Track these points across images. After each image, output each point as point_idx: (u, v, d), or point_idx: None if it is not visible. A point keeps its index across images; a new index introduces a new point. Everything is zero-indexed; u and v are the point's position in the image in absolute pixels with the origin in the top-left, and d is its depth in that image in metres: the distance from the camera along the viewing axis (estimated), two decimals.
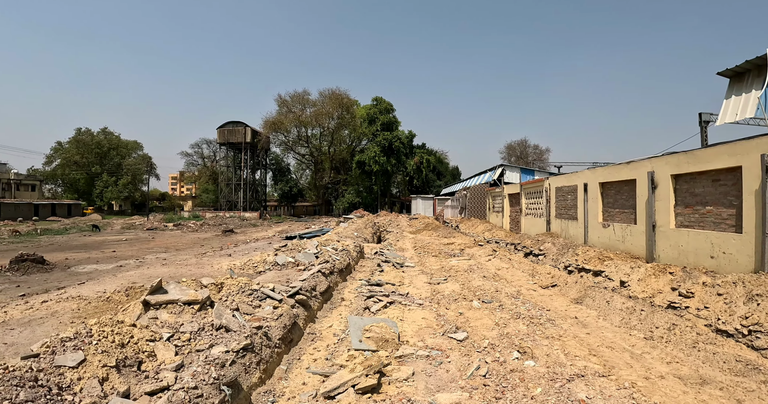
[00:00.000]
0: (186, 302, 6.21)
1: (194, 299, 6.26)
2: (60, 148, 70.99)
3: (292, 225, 39.90)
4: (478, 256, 15.40)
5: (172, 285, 6.59)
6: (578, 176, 18.36)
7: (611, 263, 11.99)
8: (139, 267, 15.71)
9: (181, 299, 6.22)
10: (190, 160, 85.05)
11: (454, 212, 40.94)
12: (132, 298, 7.93)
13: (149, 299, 6.11)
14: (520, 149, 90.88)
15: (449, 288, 9.95)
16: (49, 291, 11.08)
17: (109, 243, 25.51)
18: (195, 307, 6.20)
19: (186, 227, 39.13)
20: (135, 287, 8.69)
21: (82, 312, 7.37)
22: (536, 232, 22.36)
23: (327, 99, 64.06)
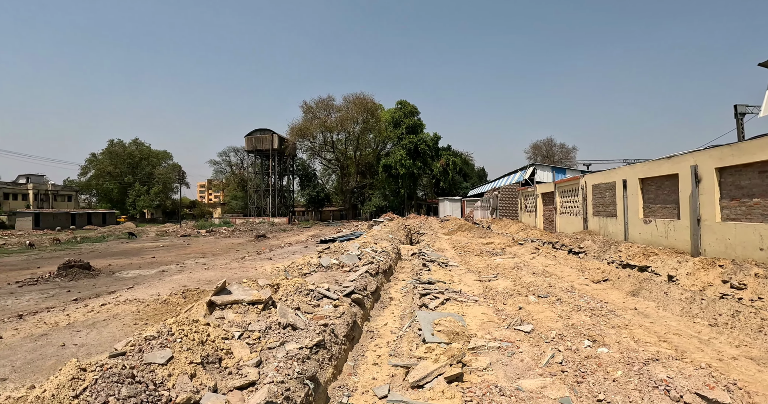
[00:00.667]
0: (250, 302, 6.24)
1: (258, 299, 6.28)
2: (94, 159, 73.12)
3: (323, 229, 40.08)
4: (521, 254, 15.15)
5: (235, 286, 6.61)
6: (616, 173, 18.10)
7: (656, 258, 11.85)
8: (181, 272, 15.92)
9: (246, 299, 6.25)
10: (218, 168, 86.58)
11: (483, 213, 40.51)
12: (189, 300, 7.98)
13: (215, 300, 6.13)
14: (546, 149, 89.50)
15: (501, 285, 9.85)
16: (100, 295, 11.27)
17: (148, 250, 25.99)
18: (259, 307, 6.22)
19: (218, 233, 39.65)
20: (190, 289, 8.75)
21: (142, 314, 7.44)
22: (572, 230, 22.10)
23: (351, 104, 64.32)
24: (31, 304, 10.97)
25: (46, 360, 5.26)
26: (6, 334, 6.39)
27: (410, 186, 67.94)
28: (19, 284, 13.90)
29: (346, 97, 65.26)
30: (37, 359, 5.30)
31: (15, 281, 14.47)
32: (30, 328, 6.70)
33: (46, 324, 6.93)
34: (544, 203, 28.34)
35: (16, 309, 10.41)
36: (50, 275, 15.20)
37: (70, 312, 7.66)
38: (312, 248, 20.63)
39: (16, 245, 30.59)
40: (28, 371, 4.94)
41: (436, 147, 68.67)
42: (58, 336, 6.23)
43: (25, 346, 5.82)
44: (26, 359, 5.32)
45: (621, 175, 17.57)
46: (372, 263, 12.53)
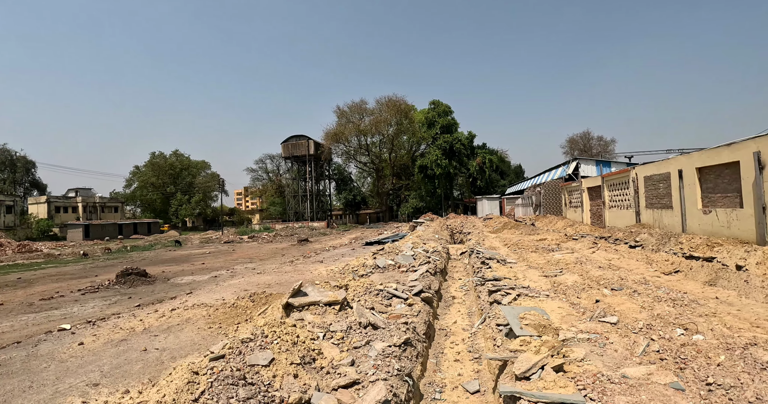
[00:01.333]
0: (327, 303, 6.19)
1: (334, 300, 6.20)
2: (138, 171, 75.87)
3: (363, 232, 40.06)
4: (579, 249, 14.66)
5: (310, 288, 6.54)
6: (671, 163, 17.48)
7: (721, 249, 11.43)
8: (234, 277, 16.05)
9: (322, 300, 6.19)
10: (256, 175, 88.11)
11: (525, 211, 39.63)
12: (258, 304, 7.92)
13: (292, 302, 6.07)
14: (584, 142, 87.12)
15: (569, 279, 9.50)
16: (162, 301, 11.41)
17: (195, 256, 26.48)
18: (336, 307, 6.15)
19: (260, 238, 40.17)
20: (257, 293, 8.72)
21: (213, 318, 7.40)
22: (624, 224, 21.39)
23: (384, 106, 64.24)
24: (96, 311, 11.21)
25: (132, 365, 5.23)
26: (86, 340, 6.44)
27: (446, 186, 67.26)
28: (81, 292, 14.30)
29: (379, 99, 65.42)
30: (124, 364, 5.28)
31: (77, 289, 14.89)
32: (108, 334, 6.75)
33: (123, 329, 6.97)
34: (591, 197, 27.48)
35: (83, 315, 10.63)
36: (109, 282, 15.58)
37: (143, 318, 7.70)
38: (359, 251, 20.54)
39: (71, 255, 31.77)
40: (118, 376, 4.90)
41: (472, 146, 67.76)
42: (137, 341, 6.23)
43: (107, 351, 5.83)
44: (112, 364, 5.30)
45: (676, 165, 16.89)
46: (429, 262, 12.38)
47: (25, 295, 14.51)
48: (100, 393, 4.40)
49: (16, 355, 5.96)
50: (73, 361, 5.49)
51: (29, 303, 12.82)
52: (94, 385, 4.62)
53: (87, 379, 4.83)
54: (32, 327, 9.49)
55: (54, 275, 19.72)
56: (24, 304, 12.79)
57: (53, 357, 5.74)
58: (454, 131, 65.21)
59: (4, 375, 5.13)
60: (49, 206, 61.15)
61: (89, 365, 5.30)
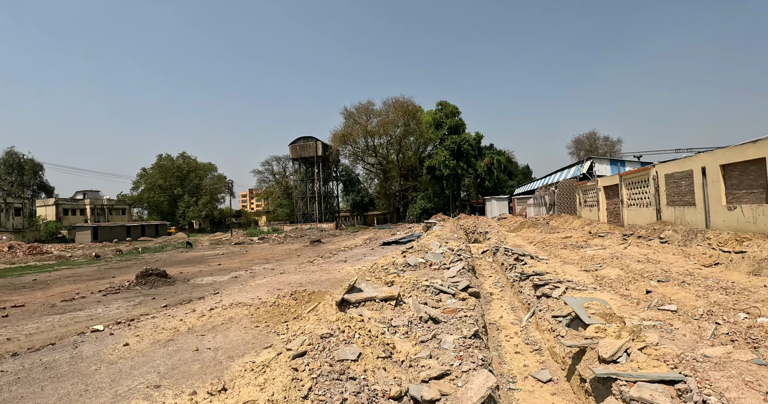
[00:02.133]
0: (383, 298, 6.06)
1: (390, 296, 6.03)
2: (145, 173, 75.77)
3: (376, 233, 39.75)
4: (609, 246, 14.51)
5: (363, 284, 6.44)
6: (693, 161, 17.56)
7: (751, 243, 11.73)
8: (255, 277, 15.80)
9: (378, 296, 6.08)
10: (262, 177, 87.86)
11: (537, 210, 39.26)
12: (301, 302, 7.67)
13: (348, 298, 5.88)
14: (590, 142, 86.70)
15: (612, 273, 9.51)
16: (191, 301, 11.16)
17: (210, 258, 26.25)
18: (392, 303, 6.05)
19: (271, 240, 39.95)
20: (298, 291, 8.42)
21: (257, 317, 7.13)
22: (643, 222, 21.42)
23: (391, 108, 63.99)
24: (122, 311, 10.96)
25: (189, 365, 4.95)
26: (130, 341, 6.17)
27: (454, 187, 66.97)
28: (102, 293, 14.06)
29: (386, 101, 65.16)
30: (180, 364, 5.00)
31: (98, 291, 14.66)
32: (151, 334, 6.48)
33: (165, 329, 6.70)
34: (607, 196, 27.41)
35: (110, 316, 10.39)
36: (130, 283, 15.34)
37: (183, 318, 7.43)
38: (378, 251, 20.24)
39: (82, 257, 31.61)
40: (178, 376, 4.62)
41: (479, 147, 67.45)
42: (185, 341, 5.96)
43: (157, 352, 5.56)
44: (167, 364, 5.03)
45: (699, 162, 16.95)
46: (461, 260, 12.18)
47: (45, 297, 14.28)
48: (164, 395, 4.11)
49: (60, 357, 5.68)
50: (124, 362, 5.21)
51: (51, 305, 12.58)
52: (156, 387, 4.34)
53: (145, 381, 4.54)
54: (60, 328, 9.25)
55: (70, 277, 19.51)
56: (46, 305, 12.56)
57: (101, 358, 5.46)
58: (461, 132, 64.94)
59: (54, 378, 4.85)
60: (57, 208, 61.11)
61: (143, 366, 5.02)
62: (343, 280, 11.49)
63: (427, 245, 14.09)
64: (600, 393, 4.09)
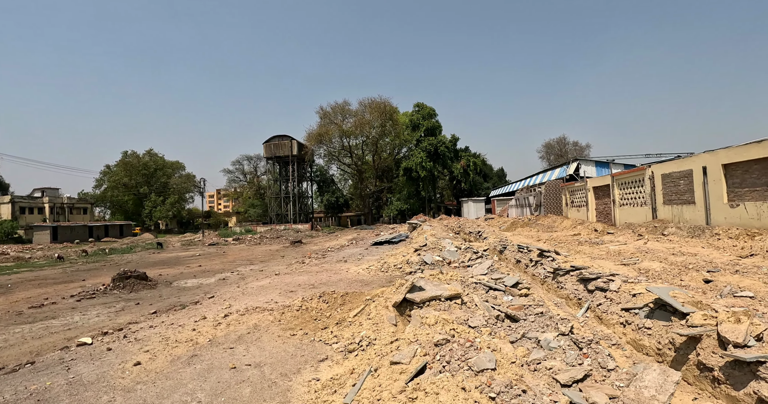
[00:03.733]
0: (448, 297, 5.68)
1: (455, 294, 5.71)
2: (109, 171, 71.95)
3: (359, 233, 38.58)
4: (627, 241, 14.33)
5: (422, 282, 5.61)
6: (693, 161, 17.99)
7: (762, 237, 12.18)
8: (245, 279, 14.54)
9: (443, 294, 5.61)
10: (232, 177, 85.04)
11: (519, 211, 39.00)
12: (334, 305, 6.70)
13: (412, 298, 5.36)
14: (559, 147, 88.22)
15: (653, 266, 9.22)
16: (185, 307, 9.90)
17: (186, 259, 24.59)
18: (458, 302, 5.62)
19: (246, 241, 38.26)
20: (327, 293, 7.33)
21: (287, 323, 6.08)
22: (636, 221, 21.58)
23: (367, 108, 62.82)
24: (104, 319, 9.58)
25: (236, 389, 3.86)
26: (140, 359, 4.96)
27: (430, 189, 66.44)
28: (75, 299, 12.51)
29: (362, 101, 63.85)
30: (223, 389, 3.89)
31: (69, 296, 13.07)
32: (164, 349, 5.29)
33: (180, 342, 5.52)
34: (597, 196, 27.47)
35: (91, 325, 9.01)
36: (106, 287, 13.80)
37: (196, 327, 6.24)
38: (373, 251, 19.16)
39: (43, 259, 29.32)
40: None
41: (455, 149, 67.17)
42: (214, 357, 4.82)
43: (183, 373, 4.40)
44: (207, 390, 3.90)
45: (699, 162, 17.39)
46: (482, 256, 11.51)
47: (8, 302, 12.61)
48: None
49: (52, 383, 4.44)
50: (146, 390, 4.03)
51: (17, 312, 11.01)
52: None
53: None
54: (34, 341, 7.84)
55: (33, 280, 17.64)
56: (11, 313, 10.97)
57: (110, 384, 4.26)
58: (438, 134, 64.48)
59: None
60: (13, 206, 57.02)
61: (173, 393, 3.87)
62: (355, 280, 10.45)
63: (439, 243, 13.25)
64: (738, 380, 3.87)
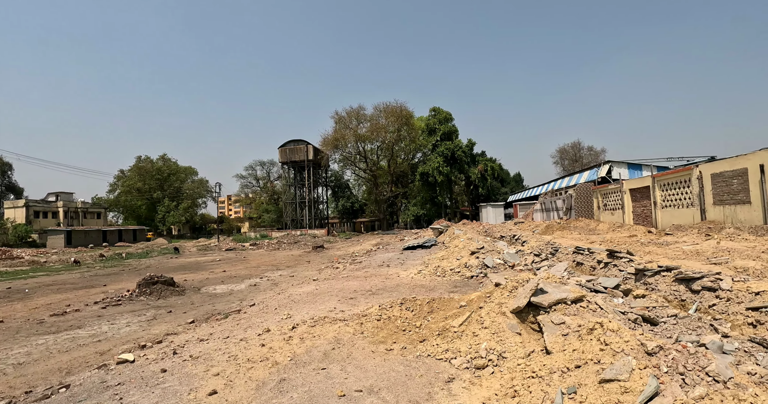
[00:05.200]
0: (573, 300, 4.80)
1: (580, 296, 4.89)
2: (123, 176, 71.58)
3: (383, 238, 37.47)
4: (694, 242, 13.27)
5: (542, 284, 4.83)
6: (748, 159, 17.59)
7: None
8: (277, 285, 13.55)
9: (568, 297, 4.80)
10: (245, 182, 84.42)
11: (544, 215, 37.79)
12: (420, 313, 5.83)
13: (538, 301, 4.75)
14: (574, 152, 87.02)
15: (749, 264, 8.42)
16: (228, 316, 8.87)
17: (206, 264, 23.61)
18: (583, 305, 4.74)
19: (264, 246, 37.27)
20: (408, 299, 6.25)
21: (371, 335, 5.18)
22: (681, 222, 21.11)
23: (382, 112, 61.90)
24: (136, 329, 8.56)
25: None
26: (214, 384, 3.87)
27: (447, 194, 65.29)
28: (100, 306, 11.51)
29: (377, 106, 62.93)
30: None
31: (93, 302, 12.08)
32: (237, 371, 4.22)
33: (254, 362, 4.46)
34: (634, 199, 26.72)
35: (123, 336, 8.00)
36: (131, 293, 12.79)
37: (265, 342, 5.16)
38: (408, 255, 18.01)
39: (59, 263, 28.50)
40: None
41: (472, 154, 66.08)
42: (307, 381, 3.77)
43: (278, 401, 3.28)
44: None
45: (756, 160, 17.09)
46: (546, 259, 10.82)
47: (27, 309, 11.63)
48: None
49: None
50: None
51: (38, 320, 10.03)
52: None
53: None
54: (62, 356, 6.82)
55: (51, 285, 16.70)
56: (31, 321, 9.99)
57: None
58: (454, 139, 63.47)
59: None
60: (27, 210, 56.59)
61: None
62: (416, 286, 9.37)
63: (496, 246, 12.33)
64: None
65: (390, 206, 71.17)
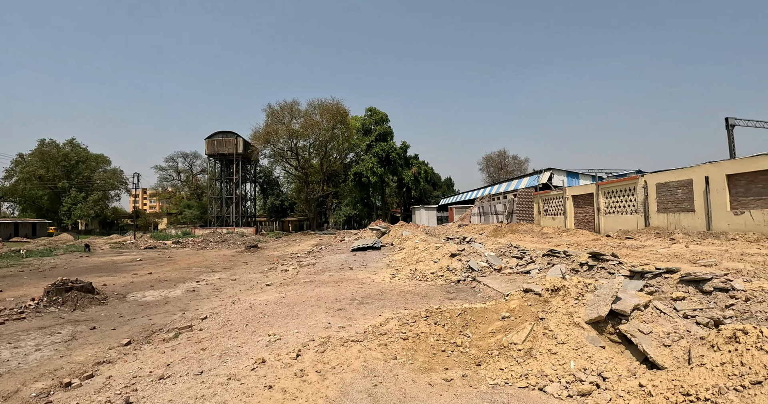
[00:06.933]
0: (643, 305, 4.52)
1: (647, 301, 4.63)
2: (22, 161, 63.12)
3: (321, 238, 35.71)
4: (663, 245, 13.58)
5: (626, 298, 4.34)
6: (693, 171, 18.69)
7: None
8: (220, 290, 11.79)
9: (640, 302, 4.57)
10: (165, 174, 78.03)
11: (482, 219, 38.04)
12: (454, 327, 5.00)
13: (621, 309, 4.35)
14: (500, 160, 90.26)
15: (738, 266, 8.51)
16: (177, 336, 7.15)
17: (127, 265, 20.84)
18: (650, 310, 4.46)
19: (190, 244, 34.28)
20: (432, 310, 5.11)
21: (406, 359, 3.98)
22: (624, 228, 21.95)
23: (317, 109, 59.77)
24: (51, 355, 6.63)
25: None
26: None
27: (379, 195, 64.62)
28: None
29: (311, 102, 60.38)
30: None
31: None
32: None
33: None
34: (576, 205, 27.63)
35: (34, 367, 6.10)
36: (38, 302, 10.43)
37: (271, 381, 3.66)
38: (360, 257, 16.71)
39: None
40: None
41: (406, 156, 66.01)
42: None
43: None
44: None
45: (701, 172, 18.02)
46: (531, 261, 10.26)
47: None
48: None
49: None
50: None
51: None
52: None
53: None
54: None
55: None
56: None
57: None
58: (389, 140, 63.05)
59: None
60: None
61: None
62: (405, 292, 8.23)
63: (474, 248, 11.67)
64: None
65: (320, 205, 69.22)
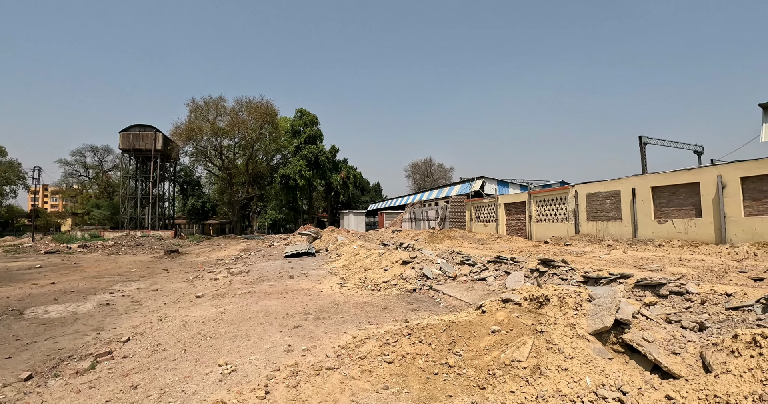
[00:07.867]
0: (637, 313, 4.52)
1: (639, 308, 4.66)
2: None
3: (249, 243, 33.74)
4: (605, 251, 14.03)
5: None
6: (621, 183, 20.09)
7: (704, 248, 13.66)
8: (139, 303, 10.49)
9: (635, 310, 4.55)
10: (70, 170, 70.76)
11: (414, 225, 38.19)
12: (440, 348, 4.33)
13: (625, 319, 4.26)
14: (426, 168, 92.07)
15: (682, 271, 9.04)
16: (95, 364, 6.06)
17: (24, 273, 18.27)
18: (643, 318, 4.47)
19: (99, 249, 31.10)
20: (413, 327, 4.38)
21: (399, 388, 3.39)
22: (556, 235, 23.23)
23: (245, 107, 57.23)
24: None
25: None
26: None
27: (307, 199, 63.15)
28: None
29: (239, 99, 57.71)
30: None
31: None
32: None
33: None
34: (508, 212, 28.48)
35: None
36: None
37: None
38: (296, 264, 15.73)
39: None
40: None
41: (335, 160, 65.08)
42: None
43: None
44: None
45: (628, 184, 19.35)
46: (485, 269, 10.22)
47: None
48: None
49: None
50: None
51: None
52: None
53: None
54: None
55: None
56: None
57: None
58: (318, 143, 61.83)
59: None
60: None
61: None
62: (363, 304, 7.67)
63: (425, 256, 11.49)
64: None
65: (244, 208, 66.35)
